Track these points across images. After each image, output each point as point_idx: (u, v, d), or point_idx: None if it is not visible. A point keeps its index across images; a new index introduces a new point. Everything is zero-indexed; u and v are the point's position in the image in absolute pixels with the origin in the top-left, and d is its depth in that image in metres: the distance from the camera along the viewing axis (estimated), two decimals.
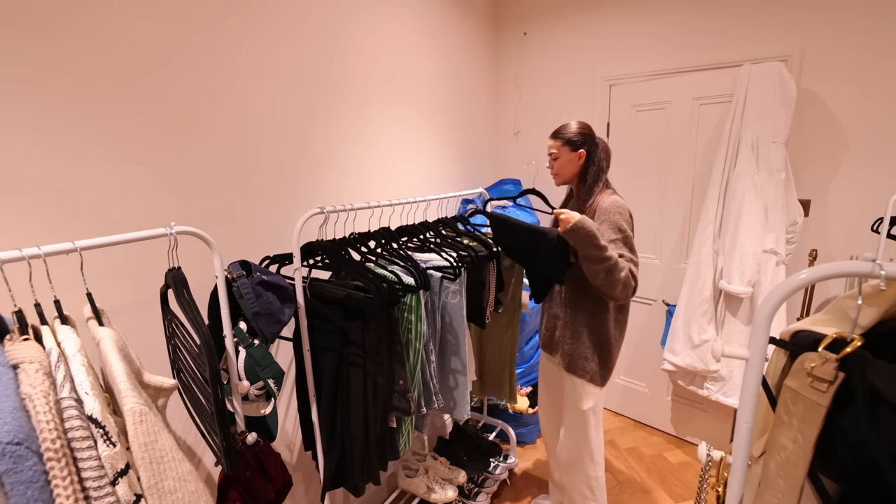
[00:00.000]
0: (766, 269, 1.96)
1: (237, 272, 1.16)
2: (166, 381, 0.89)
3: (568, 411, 1.69)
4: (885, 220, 1.61)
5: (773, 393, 0.68)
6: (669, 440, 2.56)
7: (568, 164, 1.58)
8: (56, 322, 0.82)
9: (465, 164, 2.65)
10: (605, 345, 1.60)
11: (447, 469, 2.01)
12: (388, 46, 2.01)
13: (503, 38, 2.86)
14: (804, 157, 2.05)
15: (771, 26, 2.04)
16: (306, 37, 1.64)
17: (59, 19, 1.05)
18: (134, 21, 1.18)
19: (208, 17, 1.34)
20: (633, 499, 2.12)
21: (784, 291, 0.62)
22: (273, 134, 1.56)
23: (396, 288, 1.32)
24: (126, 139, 1.19)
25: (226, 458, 0.97)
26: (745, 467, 0.69)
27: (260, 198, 1.54)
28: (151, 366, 0.93)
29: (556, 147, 1.59)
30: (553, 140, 1.60)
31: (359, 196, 1.91)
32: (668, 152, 2.37)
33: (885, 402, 0.52)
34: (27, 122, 1.02)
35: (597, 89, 2.56)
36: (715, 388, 2.13)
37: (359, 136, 1.89)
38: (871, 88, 1.88)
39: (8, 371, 0.67)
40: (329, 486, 1.37)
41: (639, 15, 2.38)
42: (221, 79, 1.39)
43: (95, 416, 0.68)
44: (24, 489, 0.59)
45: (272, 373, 1.20)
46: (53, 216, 1.07)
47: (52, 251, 0.82)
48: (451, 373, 1.60)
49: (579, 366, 1.61)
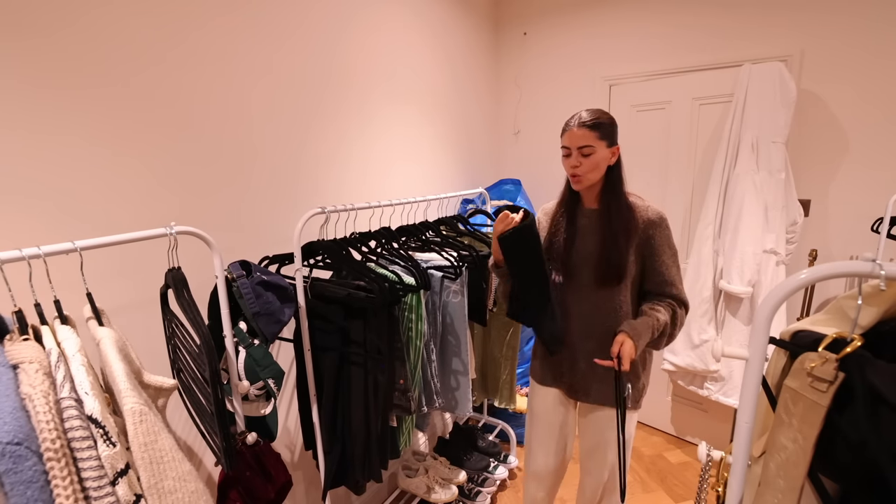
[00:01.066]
0: (766, 269, 1.96)
1: (237, 272, 1.16)
2: (166, 381, 0.89)
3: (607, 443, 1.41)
4: (885, 220, 1.62)
5: (773, 393, 0.68)
6: (669, 440, 2.56)
7: (602, 162, 1.25)
8: (56, 322, 0.82)
9: (465, 163, 2.65)
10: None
11: (447, 469, 2.01)
12: (388, 45, 2.01)
13: (503, 37, 2.85)
14: (804, 158, 2.05)
15: (771, 26, 2.04)
16: (307, 35, 1.64)
17: (58, 18, 1.05)
18: (132, 20, 1.18)
19: (207, 15, 1.34)
20: (633, 499, 2.12)
21: (784, 291, 0.62)
22: (273, 134, 1.56)
23: (397, 287, 1.32)
24: (126, 139, 1.19)
25: (226, 458, 0.97)
26: (745, 467, 0.69)
27: (260, 198, 1.54)
28: (151, 366, 0.93)
29: (592, 140, 1.22)
30: (588, 131, 1.22)
31: (359, 196, 1.91)
32: (668, 152, 2.37)
33: (885, 402, 0.52)
34: (25, 123, 1.02)
35: (597, 89, 2.56)
36: (715, 388, 2.13)
37: (359, 136, 1.89)
38: (872, 89, 1.88)
39: (8, 371, 0.67)
40: (330, 486, 1.37)
41: (639, 15, 2.37)
42: (221, 78, 1.39)
43: (95, 416, 0.68)
44: (24, 489, 0.59)
45: (272, 373, 1.20)
46: (53, 217, 1.07)
47: (52, 251, 0.82)
48: (452, 373, 1.60)
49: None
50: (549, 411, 1.46)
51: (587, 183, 1.27)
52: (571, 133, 1.24)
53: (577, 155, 1.24)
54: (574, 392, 1.40)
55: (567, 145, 1.26)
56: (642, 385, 1.37)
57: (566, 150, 1.27)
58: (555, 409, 1.45)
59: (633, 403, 1.35)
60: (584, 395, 1.39)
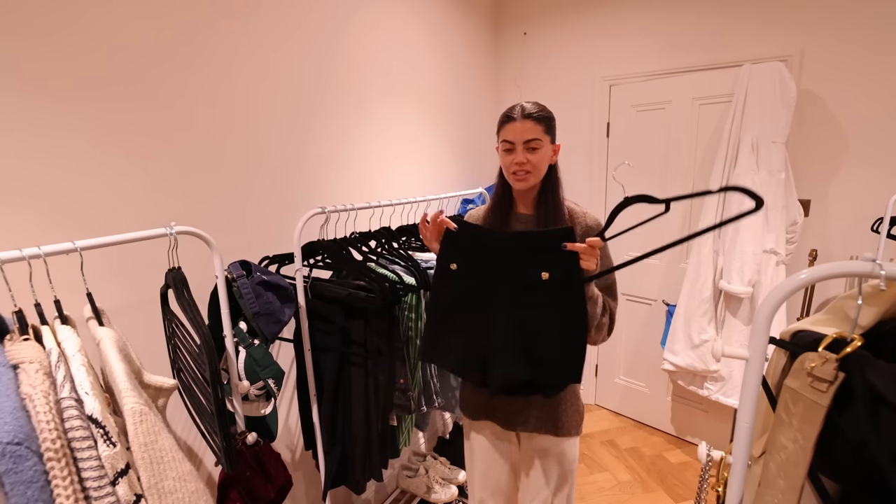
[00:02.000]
0: (766, 269, 1.96)
1: (237, 272, 1.16)
2: (166, 381, 0.89)
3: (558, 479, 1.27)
4: (885, 220, 1.61)
5: (773, 393, 0.68)
6: (669, 440, 2.56)
7: (545, 159, 1.13)
8: (56, 322, 0.82)
9: (466, 163, 2.65)
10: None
11: (447, 469, 2.02)
12: (387, 43, 2.01)
13: (503, 37, 2.85)
14: (804, 157, 2.05)
15: (771, 26, 2.04)
16: (305, 35, 1.64)
17: (59, 18, 1.05)
18: (131, 21, 1.18)
19: (206, 17, 1.34)
20: (633, 499, 2.12)
21: (784, 291, 0.62)
22: (273, 134, 1.56)
23: (397, 287, 1.32)
24: (125, 140, 1.19)
25: (226, 458, 0.97)
26: (745, 467, 0.69)
27: (260, 198, 1.54)
28: (151, 366, 0.93)
29: (539, 133, 1.09)
30: (535, 123, 1.09)
31: (359, 196, 1.91)
32: (668, 152, 2.37)
33: (885, 402, 0.52)
34: (27, 124, 1.02)
35: (597, 89, 2.56)
36: (715, 388, 2.13)
37: (359, 136, 1.89)
38: (872, 88, 1.88)
39: (8, 371, 0.67)
40: (330, 485, 1.37)
41: (639, 15, 2.37)
42: (219, 78, 1.39)
43: (95, 416, 0.68)
44: (24, 489, 0.59)
45: (272, 373, 1.20)
46: (55, 218, 1.07)
47: (53, 251, 0.82)
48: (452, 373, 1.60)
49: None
50: (486, 450, 1.31)
51: (533, 181, 1.13)
52: (514, 126, 1.10)
53: (523, 150, 1.10)
54: (511, 424, 1.24)
55: (510, 139, 1.11)
56: (582, 408, 1.25)
57: (508, 145, 1.12)
58: (493, 443, 1.30)
59: (575, 430, 1.22)
60: (523, 425, 1.22)
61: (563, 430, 1.20)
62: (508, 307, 1.04)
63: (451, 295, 1.10)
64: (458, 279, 1.09)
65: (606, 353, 2.80)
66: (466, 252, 1.08)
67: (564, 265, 1.00)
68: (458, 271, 1.09)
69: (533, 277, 1.02)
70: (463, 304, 1.09)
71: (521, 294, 1.04)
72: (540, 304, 1.02)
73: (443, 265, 1.10)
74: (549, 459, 1.24)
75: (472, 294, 1.08)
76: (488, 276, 1.06)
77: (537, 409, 1.20)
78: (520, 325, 1.04)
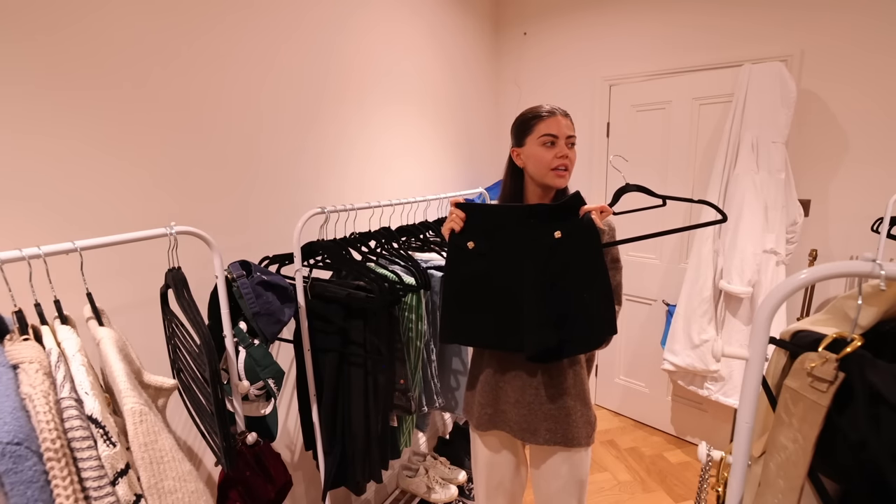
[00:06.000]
0: (766, 269, 1.96)
1: (237, 272, 1.16)
2: (166, 381, 0.89)
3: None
4: (885, 220, 1.61)
5: (773, 393, 0.68)
6: (669, 440, 2.56)
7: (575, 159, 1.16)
8: (56, 322, 0.82)
9: (465, 163, 2.65)
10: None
11: (447, 469, 2.01)
12: (387, 43, 2.01)
13: (503, 37, 2.85)
14: (804, 157, 2.05)
15: (771, 26, 2.04)
16: (305, 36, 1.64)
17: (60, 18, 1.05)
18: (133, 23, 1.18)
19: (207, 18, 1.34)
20: (633, 499, 2.12)
21: (784, 291, 0.62)
22: (273, 134, 1.56)
23: (397, 287, 1.32)
24: (125, 140, 1.19)
25: (226, 458, 0.97)
26: (745, 467, 0.69)
27: (261, 198, 1.54)
28: (151, 366, 0.93)
29: (575, 132, 1.13)
30: (570, 122, 1.13)
31: (359, 196, 1.91)
32: (668, 152, 2.37)
33: (885, 402, 0.52)
34: (25, 123, 1.02)
35: (597, 89, 2.56)
36: (715, 388, 2.13)
37: (358, 135, 1.89)
38: (872, 88, 1.88)
39: (8, 371, 0.67)
40: (330, 486, 1.37)
41: (639, 15, 2.37)
42: (220, 79, 1.39)
43: (95, 416, 0.68)
44: (24, 489, 0.59)
45: (272, 373, 1.20)
46: (55, 219, 1.07)
47: (53, 251, 0.82)
48: (452, 373, 1.60)
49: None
50: (493, 460, 1.27)
51: (569, 179, 1.14)
52: (558, 121, 1.10)
53: (565, 144, 1.10)
54: (521, 437, 1.20)
55: (555, 132, 1.09)
56: (593, 418, 1.22)
57: (550, 138, 1.10)
58: (501, 455, 1.27)
59: (586, 440, 1.18)
60: (533, 437, 1.17)
61: (574, 442, 1.17)
62: (533, 274, 1.06)
63: (471, 273, 1.12)
64: (477, 257, 1.11)
65: (606, 353, 2.80)
66: (482, 230, 1.10)
67: (579, 226, 1.04)
68: (475, 249, 1.10)
69: (549, 241, 1.05)
70: (485, 281, 1.11)
71: (542, 260, 1.06)
72: (561, 267, 1.05)
73: (459, 245, 1.12)
74: (561, 471, 1.21)
75: (493, 269, 1.10)
76: (507, 250, 1.08)
77: (548, 422, 1.16)
78: (547, 289, 1.06)
